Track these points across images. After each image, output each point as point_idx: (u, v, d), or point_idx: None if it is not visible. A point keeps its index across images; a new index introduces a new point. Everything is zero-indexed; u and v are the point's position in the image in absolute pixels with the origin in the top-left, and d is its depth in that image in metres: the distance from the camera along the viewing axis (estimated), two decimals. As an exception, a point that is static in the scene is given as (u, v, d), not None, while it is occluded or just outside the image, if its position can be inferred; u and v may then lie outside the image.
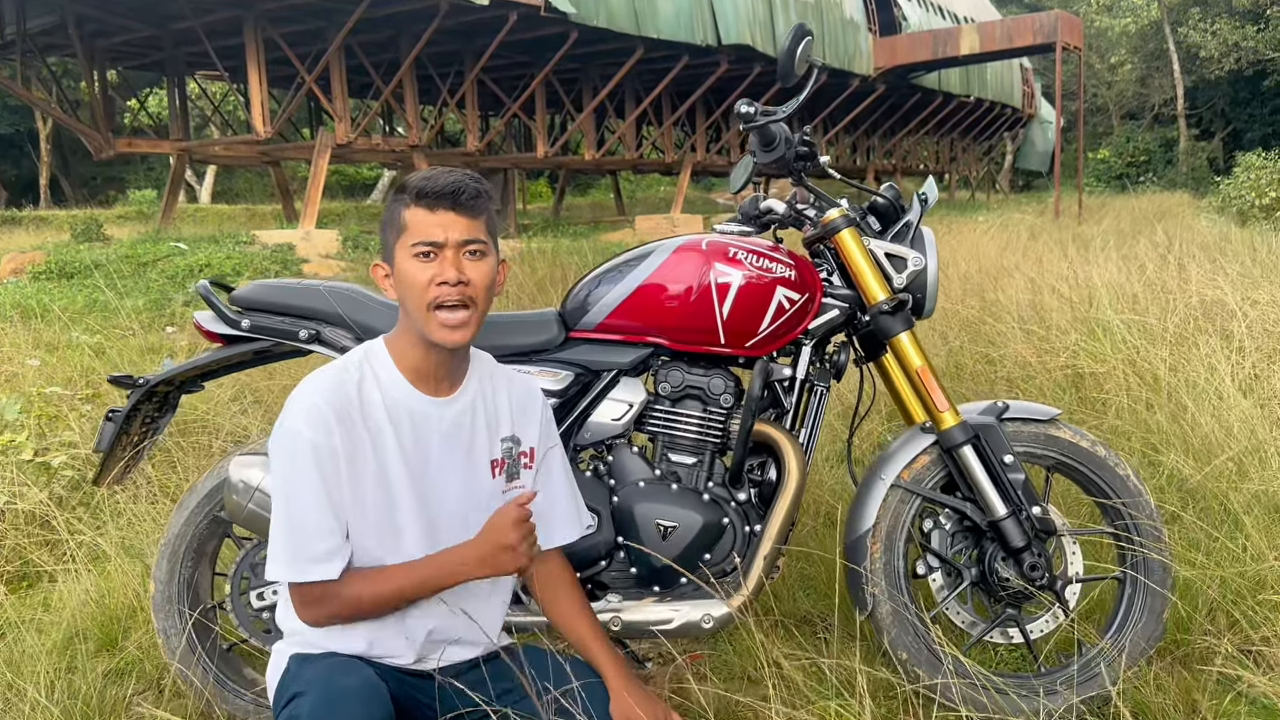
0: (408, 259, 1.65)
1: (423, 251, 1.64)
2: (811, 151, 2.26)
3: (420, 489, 1.73)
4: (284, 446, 1.63)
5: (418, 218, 1.64)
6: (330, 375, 1.67)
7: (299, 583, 1.64)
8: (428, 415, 1.73)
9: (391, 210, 1.69)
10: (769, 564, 2.17)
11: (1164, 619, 2.24)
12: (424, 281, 1.63)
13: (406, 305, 1.68)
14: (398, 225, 1.67)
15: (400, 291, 1.68)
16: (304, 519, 1.62)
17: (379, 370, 1.71)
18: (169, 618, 2.36)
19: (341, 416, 1.63)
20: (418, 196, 1.64)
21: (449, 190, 1.63)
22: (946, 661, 2.14)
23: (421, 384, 1.73)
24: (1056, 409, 2.31)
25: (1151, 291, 5.16)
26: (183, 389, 2.53)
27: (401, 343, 1.73)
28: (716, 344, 2.22)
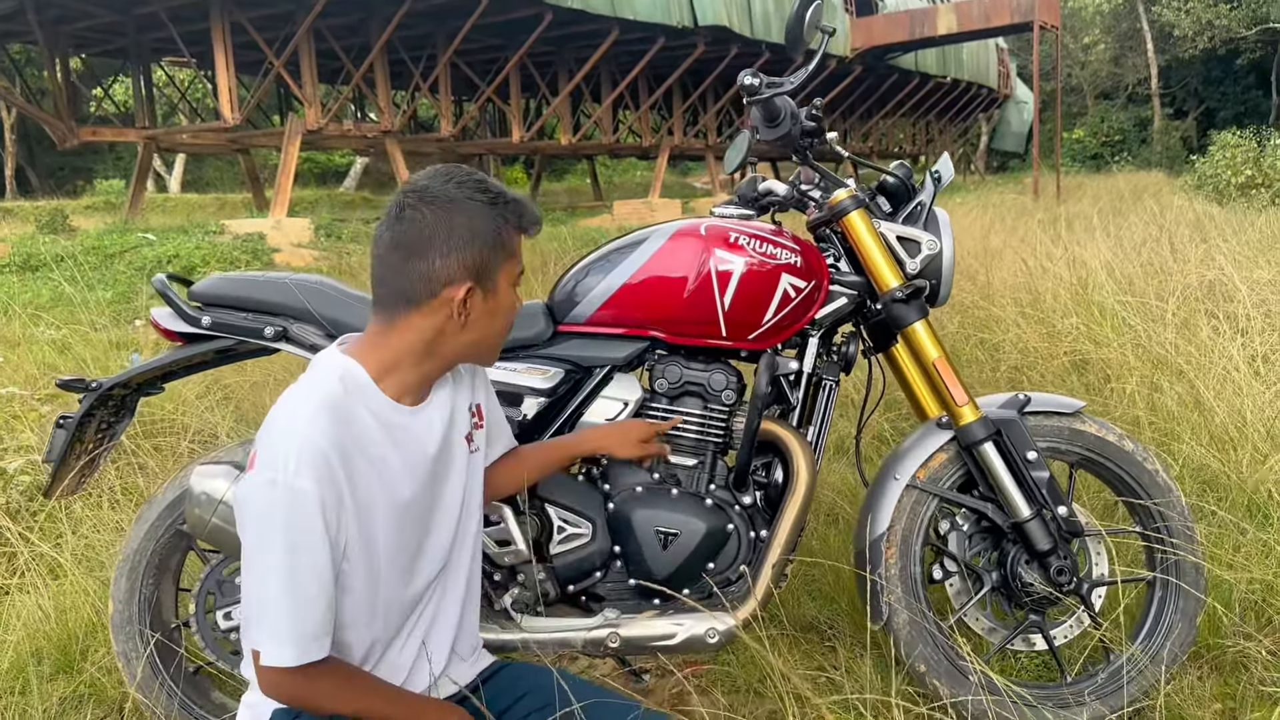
0: (509, 286, 1.54)
1: (517, 281, 1.57)
2: (819, 128, 2.09)
3: (424, 497, 1.57)
4: (281, 505, 1.36)
5: (518, 244, 1.55)
6: (317, 412, 1.41)
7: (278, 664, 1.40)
8: (413, 425, 1.55)
9: (496, 228, 1.49)
10: (778, 572, 2.02)
11: (1197, 623, 2.11)
12: (515, 311, 1.59)
13: (481, 333, 1.53)
14: (507, 249, 1.51)
15: (488, 321, 1.53)
16: (306, 589, 1.38)
17: (365, 395, 1.49)
18: (129, 639, 2.19)
19: (342, 456, 1.41)
20: (525, 224, 1.54)
21: (540, 219, 1.59)
22: (975, 676, 1.99)
23: (405, 398, 1.54)
24: (1081, 401, 2.16)
25: (1147, 272, 5.05)
26: (140, 392, 2.34)
27: (401, 361, 1.51)
28: (717, 336, 2.06)
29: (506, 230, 1.50)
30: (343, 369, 1.49)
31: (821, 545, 2.69)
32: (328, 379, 1.46)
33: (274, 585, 1.37)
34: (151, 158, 14.77)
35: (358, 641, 1.52)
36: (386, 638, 1.57)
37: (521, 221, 1.52)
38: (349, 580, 1.47)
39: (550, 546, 2.05)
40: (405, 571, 1.56)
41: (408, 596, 1.58)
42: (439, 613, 1.65)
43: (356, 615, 1.50)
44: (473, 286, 1.47)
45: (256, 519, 1.38)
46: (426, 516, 1.59)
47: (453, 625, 1.68)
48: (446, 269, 1.46)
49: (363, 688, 1.48)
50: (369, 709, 1.46)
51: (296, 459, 1.36)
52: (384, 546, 1.51)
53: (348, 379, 1.48)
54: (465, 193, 1.48)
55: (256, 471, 1.39)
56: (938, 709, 2.02)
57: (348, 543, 1.45)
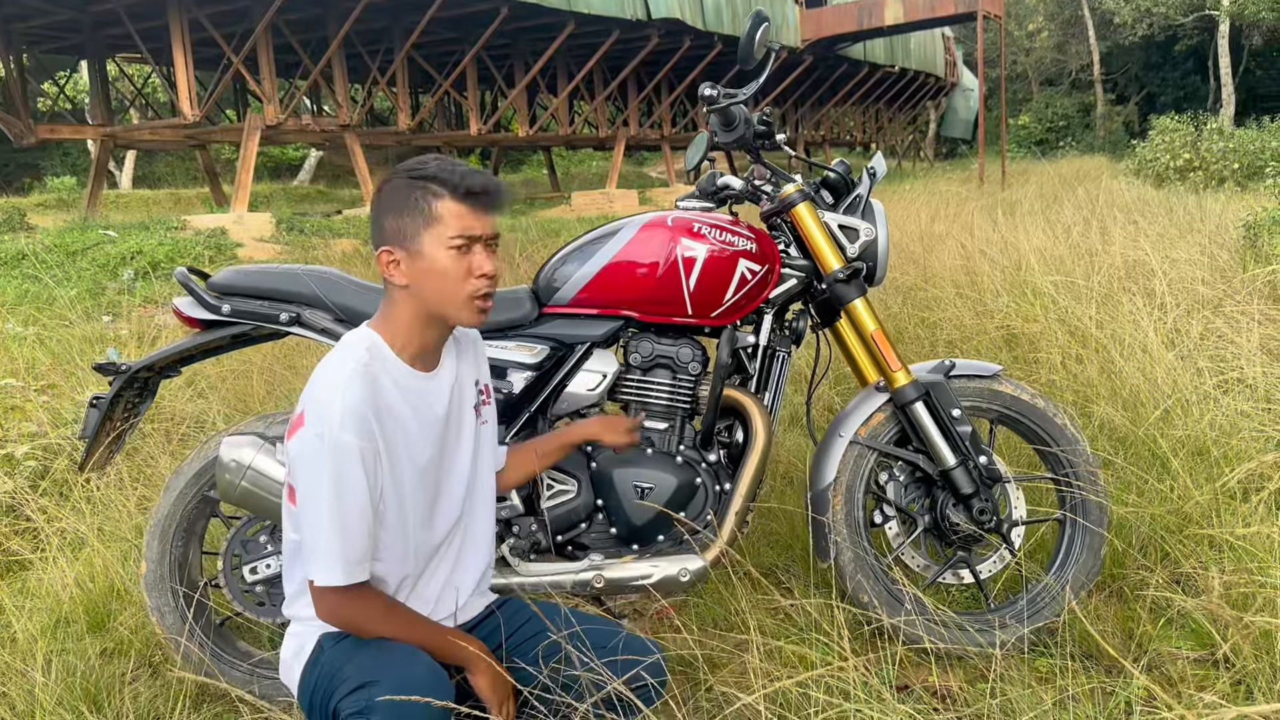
0: (441, 250, 1.72)
1: (460, 245, 1.72)
2: (769, 130, 2.40)
3: (439, 458, 1.84)
4: (329, 454, 1.63)
5: (455, 212, 1.72)
6: (353, 376, 1.68)
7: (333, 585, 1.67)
8: (427, 390, 1.82)
9: (412, 197, 1.73)
10: (740, 519, 2.32)
11: (1102, 555, 2.44)
12: (461, 273, 1.73)
13: (429, 293, 1.74)
14: (427, 215, 1.73)
15: (424, 279, 1.74)
16: (351, 522, 1.66)
17: (385, 361, 1.77)
18: (161, 595, 2.44)
19: (377, 414, 1.69)
20: (464, 193, 1.72)
21: (493, 190, 1.75)
22: (908, 600, 2.31)
23: (420, 365, 1.82)
24: (999, 365, 2.49)
25: (1076, 254, 5.42)
26: (162, 374, 2.59)
27: (402, 328, 1.78)
28: (684, 315, 2.35)
29: (424, 197, 1.72)
30: (369, 340, 1.78)
31: (780, 501, 3.00)
32: (358, 348, 1.75)
33: (325, 521, 1.64)
34: (109, 155, 14.75)
35: (391, 575, 1.80)
36: (415, 573, 1.85)
37: (453, 190, 1.71)
38: (384, 520, 1.75)
39: (541, 502, 2.34)
40: (426, 518, 1.84)
41: (431, 540, 1.86)
42: (462, 555, 1.93)
43: (390, 552, 1.78)
44: (389, 250, 1.74)
45: (308, 467, 1.66)
46: (440, 473, 1.87)
47: (478, 567, 1.97)
48: (375, 239, 1.77)
49: (399, 613, 1.75)
50: (403, 633, 1.73)
51: (340, 416, 1.64)
52: (409, 496, 1.79)
53: (373, 349, 1.76)
54: (404, 172, 1.76)
55: (306, 428, 1.66)
56: (877, 632, 2.34)
57: (382, 489, 1.72)
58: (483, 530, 1.99)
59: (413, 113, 16.37)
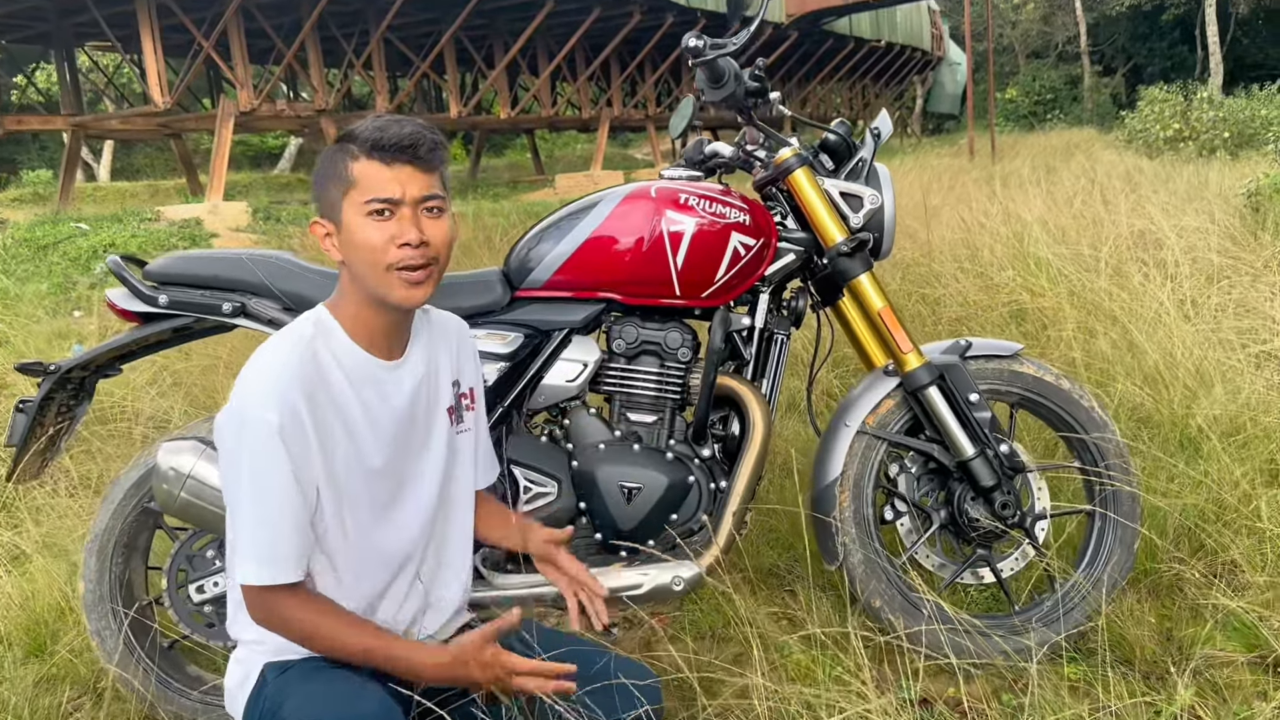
0: (359, 217, 1.50)
1: (377, 209, 1.50)
2: (762, 88, 2.15)
3: (395, 461, 1.62)
4: (246, 434, 1.44)
5: (371, 172, 1.50)
6: (289, 351, 1.50)
7: (269, 586, 1.48)
8: (387, 379, 1.61)
9: (334, 162, 1.53)
10: (738, 520, 2.10)
11: (1134, 550, 2.22)
12: (381, 242, 1.50)
13: (357, 267, 1.53)
14: (344, 179, 1.51)
15: (350, 252, 1.53)
16: (276, 514, 1.46)
17: (332, 341, 1.56)
18: (102, 618, 2.21)
19: (309, 394, 1.48)
20: (372, 148, 1.49)
21: (408, 142, 1.49)
22: (927, 608, 2.09)
23: (376, 348, 1.60)
24: (1019, 344, 2.27)
25: (1080, 224, 5.20)
26: (99, 374, 2.35)
27: (351, 308, 1.58)
28: (671, 296, 2.12)
29: (342, 161, 1.52)
30: (316, 316, 1.58)
31: (779, 496, 2.78)
32: (302, 327, 1.55)
33: (244, 508, 1.46)
34: (80, 146, 14.40)
35: (349, 593, 1.58)
36: (376, 592, 1.62)
37: (367, 148, 1.49)
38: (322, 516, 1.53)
39: (518, 506, 2.11)
40: (374, 526, 1.61)
41: (387, 553, 1.63)
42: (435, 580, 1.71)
43: (338, 559, 1.56)
44: (318, 221, 1.56)
45: (226, 447, 1.47)
46: (399, 478, 1.64)
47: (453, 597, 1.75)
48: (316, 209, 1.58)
49: (346, 619, 1.52)
50: (354, 641, 1.50)
51: (263, 392, 1.45)
52: (353, 496, 1.56)
53: (320, 324, 1.57)
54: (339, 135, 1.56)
55: (228, 404, 1.48)
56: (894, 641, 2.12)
57: (318, 487, 1.51)
58: (458, 554, 1.77)
59: (391, 96, 16.03)
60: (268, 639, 1.57)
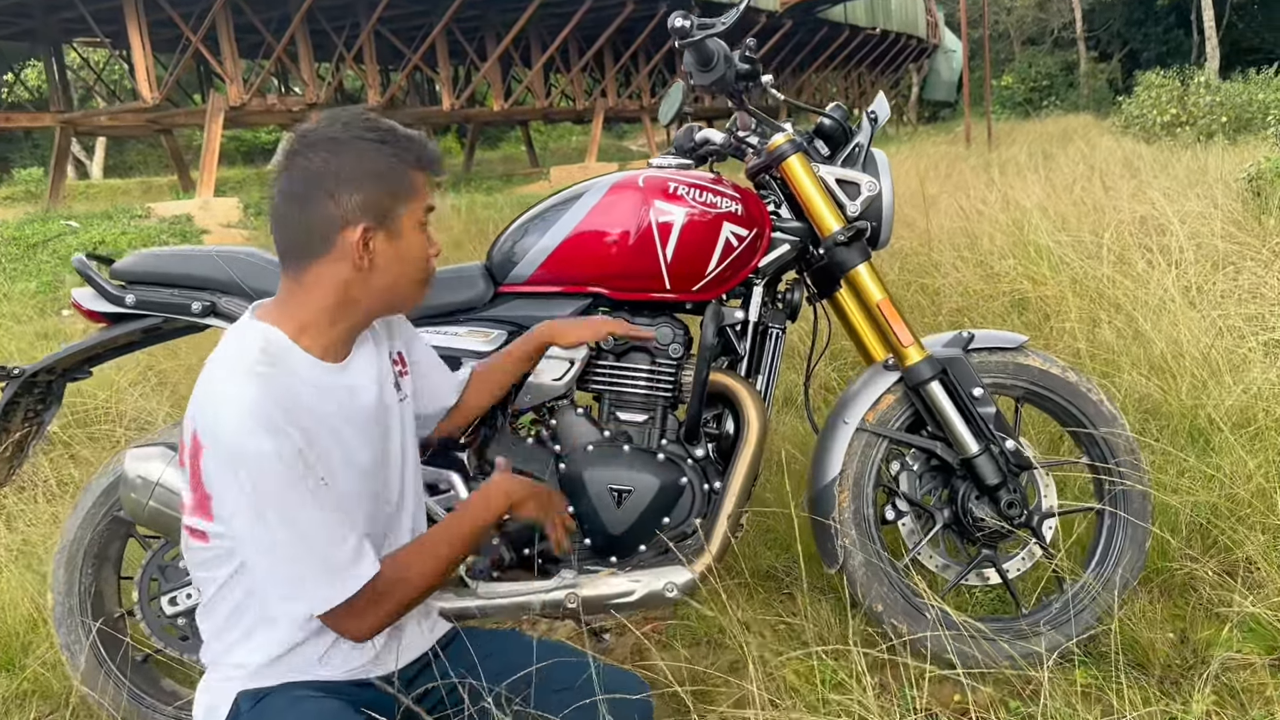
0: (416, 229, 1.46)
1: (425, 220, 1.48)
2: (754, 70, 2.05)
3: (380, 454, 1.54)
4: (249, 470, 1.31)
5: (423, 182, 1.46)
6: (245, 380, 1.34)
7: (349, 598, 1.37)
8: (345, 387, 1.49)
9: (387, 165, 1.42)
10: (733, 523, 2.01)
11: (1146, 548, 2.14)
12: (427, 254, 1.50)
13: (392, 277, 1.45)
14: (406, 187, 1.44)
15: (394, 263, 1.44)
16: (313, 533, 1.35)
17: (291, 361, 1.42)
18: (72, 632, 2.13)
19: (288, 411, 1.35)
20: (424, 162, 1.46)
21: (442, 159, 1.50)
22: (932, 612, 2.00)
23: (329, 356, 1.48)
24: (1024, 336, 2.17)
25: (1080, 210, 5.11)
26: (66, 377, 2.26)
27: (319, 315, 1.44)
28: (661, 289, 2.03)
29: (400, 168, 1.43)
30: (263, 338, 1.42)
31: (775, 495, 2.69)
32: (250, 352, 1.39)
33: (282, 542, 1.34)
34: (69, 142, 14.27)
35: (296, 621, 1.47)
36: None
37: (419, 158, 1.45)
38: None
39: (502, 511, 2.01)
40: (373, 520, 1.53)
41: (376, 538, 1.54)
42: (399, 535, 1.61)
43: None
44: (370, 227, 1.41)
45: (228, 498, 1.35)
46: (385, 473, 1.56)
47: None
48: (340, 212, 1.40)
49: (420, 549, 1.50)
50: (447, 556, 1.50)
51: (243, 425, 1.31)
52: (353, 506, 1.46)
53: (270, 347, 1.41)
54: (352, 132, 1.42)
55: (205, 453, 1.34)
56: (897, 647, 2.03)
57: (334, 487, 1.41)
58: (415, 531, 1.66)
59: (383, 89, 15.90)
60: (243, 664, 1.49)
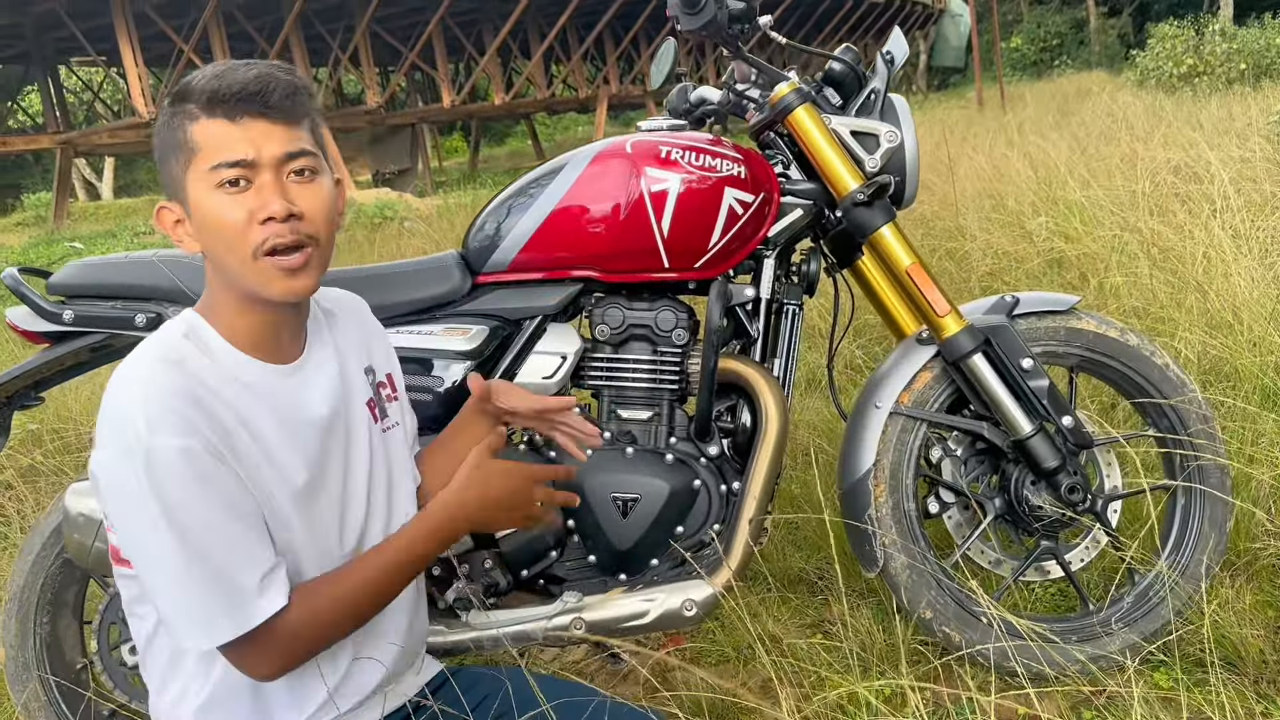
0: (209, 191, 1.16)
1: (229, 179, 1.15)
2: (749, 9, 1.79)
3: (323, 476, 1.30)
4: (143, 471, 1.10)
5: (213, 131, 1.15)
6: (163, 367, 1.16)
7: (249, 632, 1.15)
8: (290, 388, 1.27)
9: (170, 127, 1.19)
10: (756, 528, 1.77)
11: (1228, 529, 1.88)
12: (240, 221, 1.15)
13: (219, 256, 1.19)
14: (185, 146, 1.17)
15: (207, 238, 1.19)
16: (214, 553, 1.13)
17: (214, 353, 1.22)
18: (29, 689, 1.91)
19: (201, 410, 1.15)
20: (210, 102, 1.15)
21: (255, 87, 1.14)
22: (993, 620, 1.75)
23: (263, 353, 1.26)
24: (1075, 296, 1.91)
25: (1111, 163, 4.82)
26: (12, 405, 2.03)
27: (223, 308, 1.24)
28: (659, 268, 1.79)
29: (178, 125, 1.18)
30: (187, 326, 1.24)
31: (802, 489, 2.45)
32: (167, 336, 1.22)
33: (170, 565, 1.12)
34: (70, 164, 14.15)
35: None
36: None
37: (206, 103, 1.16)
38: None
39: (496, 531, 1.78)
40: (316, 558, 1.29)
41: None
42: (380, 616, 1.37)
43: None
44: (168, 206, 1.22)
45: (122, 502, 1.13)
46: (331, 496, 1.31)
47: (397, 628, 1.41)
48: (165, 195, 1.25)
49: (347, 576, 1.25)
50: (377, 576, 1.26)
51: (153, 418, 1.11)
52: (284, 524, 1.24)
53: (193, 334, 1.23)
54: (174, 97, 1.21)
55: (99, 449, 1.14)
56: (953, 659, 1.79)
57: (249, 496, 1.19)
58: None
59: (382, 89, 15.69)
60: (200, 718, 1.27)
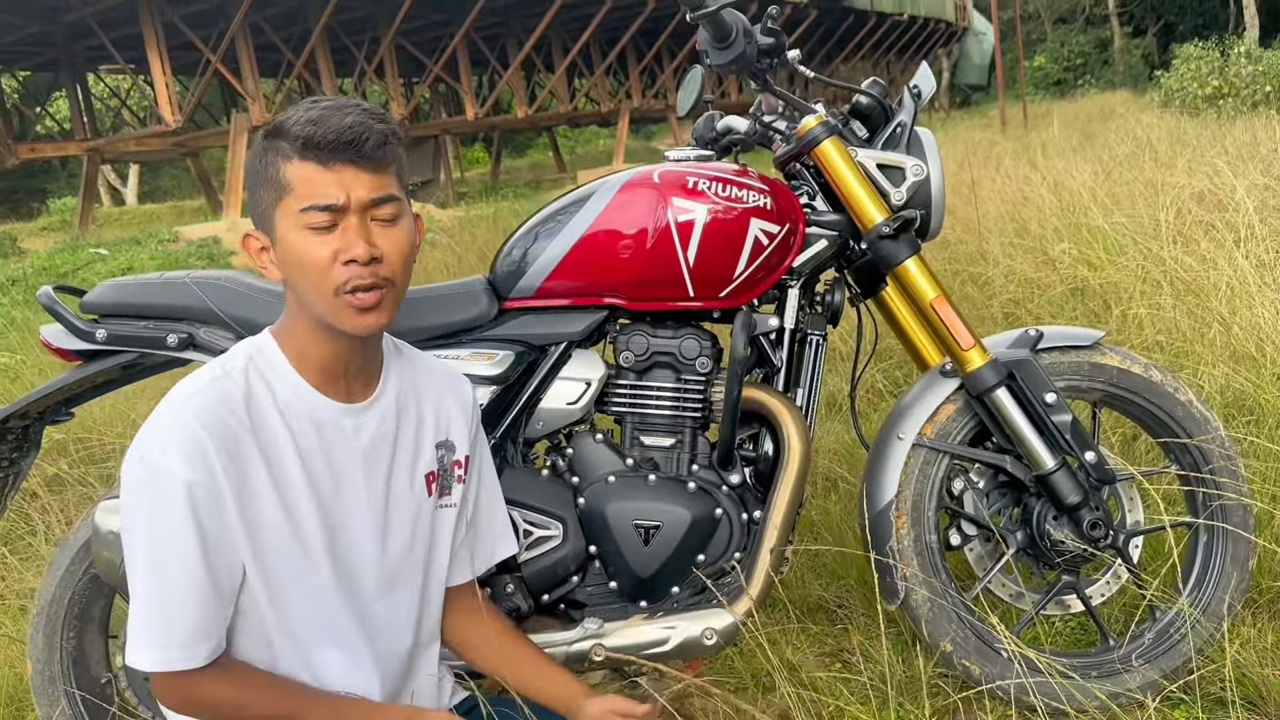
0: (297, 229, 1.23)
1: (318, 223, 1.22)
2: (779, 44, 1.81)
3: (330, 520, 1.32)
4: (146, 486, 1.20)
5: (306, 174, 1.21)
6: (208, 389, 1.24)
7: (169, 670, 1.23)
8: (341, 427, 1.31)
9: (265, 162, 1.24)
10: (777, 557, 1.77)
11: (1250, 567, 1.87)
12: (324, 260, 1.23)
13: (300, 288, 1.26)
14: (277, 183, 1.23)
15: (290, 271, 1.26)
16: (176, 590, 1.21)
17: (272, 376, 1.29)
18: (55, 701, 1.94)
19: (225, 443, 1.21)
20: (305, 146, 1.21)
21: (349, 136, 1.20)
22: (1013, 655, 1.75)
23: (329, 388, 1.31)
24: (1099, 331, 1.92)
25: (1134, 189, 4.81)
26: (44, 421, 2.07)
27: (297, 336, 1.30)
28: (684, 297, 1.80)
29: (271, 161, 1.24)
30: (257, 345, 1.32)
31: (822, 517, 2.45)
32: (235, 357, 1.30)
33: (139, 575, 1.22)
34: (97, 170, 14.31)
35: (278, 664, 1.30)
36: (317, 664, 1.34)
37: (300, 146, 1.21)
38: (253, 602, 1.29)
39: (517, 554, 1.80)
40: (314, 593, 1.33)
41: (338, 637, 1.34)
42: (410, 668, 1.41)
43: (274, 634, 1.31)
44: (254, 235, 1.29)
45: (125, 502, 1.22)
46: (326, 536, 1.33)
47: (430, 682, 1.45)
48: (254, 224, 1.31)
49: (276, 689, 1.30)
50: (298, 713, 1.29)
51: (166, 438, 1.19)
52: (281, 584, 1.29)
53: (258, 355, 1.31)
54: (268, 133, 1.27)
55: (131, 449, 1.22)
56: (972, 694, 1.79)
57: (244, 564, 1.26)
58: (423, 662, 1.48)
59: (406, 101, 15.80)
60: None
